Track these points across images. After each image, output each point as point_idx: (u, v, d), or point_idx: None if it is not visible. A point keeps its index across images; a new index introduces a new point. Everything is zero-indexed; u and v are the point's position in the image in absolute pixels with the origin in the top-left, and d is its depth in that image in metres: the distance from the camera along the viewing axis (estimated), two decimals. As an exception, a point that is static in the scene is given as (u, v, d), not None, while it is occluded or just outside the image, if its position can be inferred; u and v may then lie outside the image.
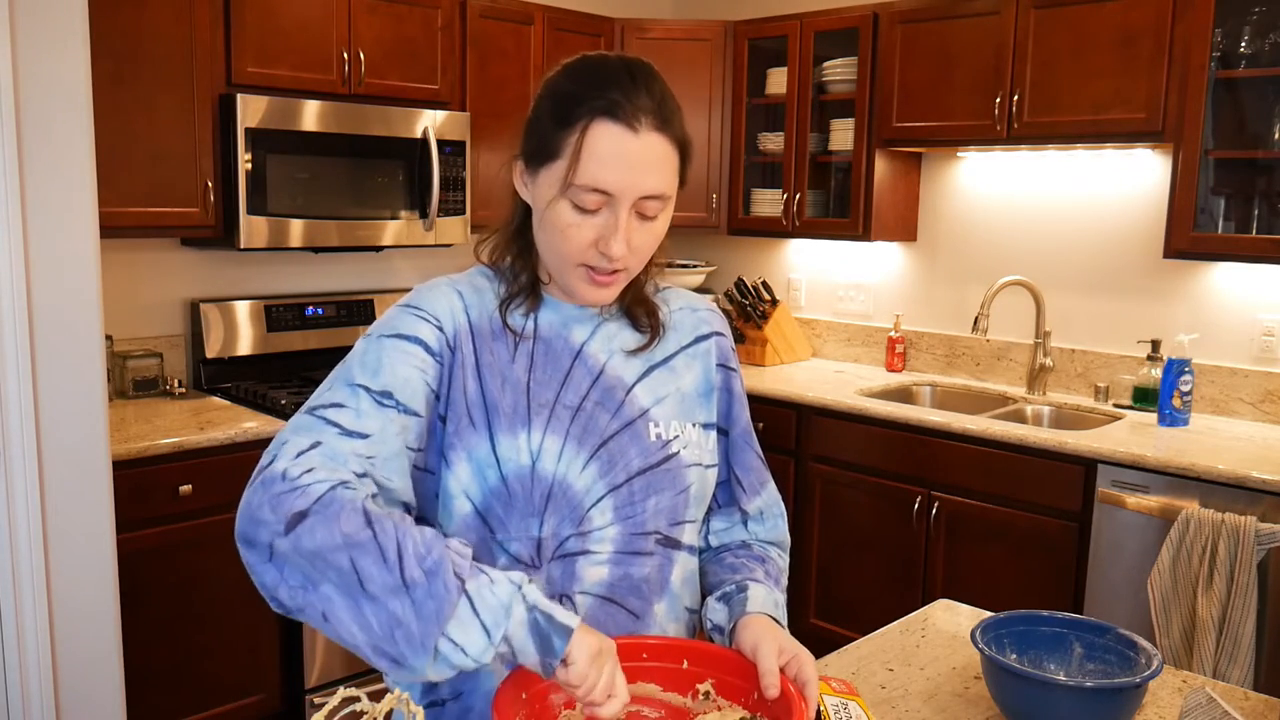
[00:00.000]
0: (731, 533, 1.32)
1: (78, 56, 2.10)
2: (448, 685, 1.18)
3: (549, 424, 1.15)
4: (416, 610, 0.95)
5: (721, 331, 1.31)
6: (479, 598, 0.96)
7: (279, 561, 0.99)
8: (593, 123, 1.07)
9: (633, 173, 1.07)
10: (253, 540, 1.00)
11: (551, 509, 1.14)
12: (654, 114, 1.08)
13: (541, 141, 1.11)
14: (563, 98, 1.10)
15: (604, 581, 1.17)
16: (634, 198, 1.08)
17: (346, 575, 0.96)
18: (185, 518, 2.67)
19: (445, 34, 3.40)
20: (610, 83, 1.08)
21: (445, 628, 0.95)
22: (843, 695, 1.19)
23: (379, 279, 3.73)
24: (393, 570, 0.95)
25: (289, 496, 0.99)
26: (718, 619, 1.21)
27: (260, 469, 1.03)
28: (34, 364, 2.08)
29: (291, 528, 0.97)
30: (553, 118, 1.10)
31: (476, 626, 0.96)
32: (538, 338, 1.18)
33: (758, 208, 3.96)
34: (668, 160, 1.10)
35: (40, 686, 2.14)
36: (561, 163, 1.09)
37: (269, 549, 0.99)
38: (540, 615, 0.97)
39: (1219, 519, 2.53)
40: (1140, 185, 3.29)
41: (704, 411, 1.26)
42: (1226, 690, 1.41)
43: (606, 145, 1.07)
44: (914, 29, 3.41)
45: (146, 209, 2.84)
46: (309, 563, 0.97)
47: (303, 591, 0.98)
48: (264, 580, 1.01)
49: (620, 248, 1.09)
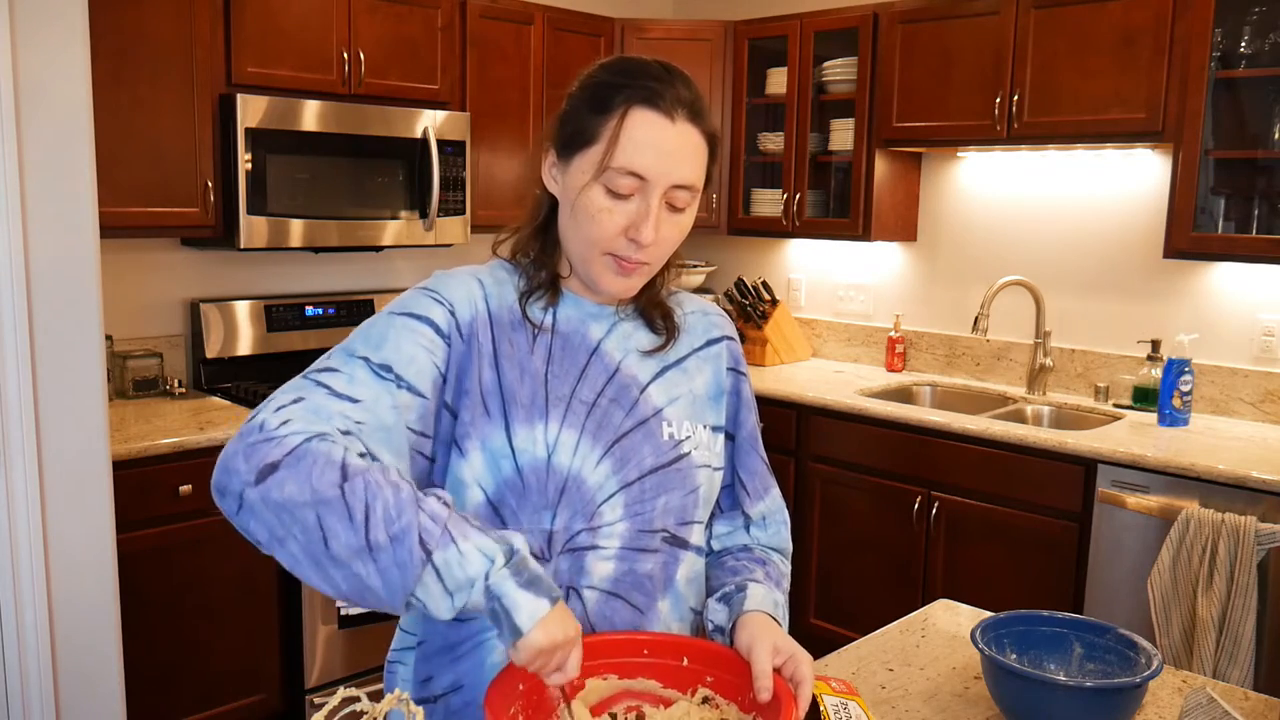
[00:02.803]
0: (734, 536, 1.33)
1: (78, 56, 2.10)
2: (448, 677, 1.19)
3: (565, 418, 1.16)
4: (382, 576, 0.96)
5: (732, 336, 1.34)
6: (445, 570, 0.96)
7: (248, 513, 0.99)
8: (631, 108, 1.10)
9: (668, 160, 1.10)
10: (224, 489, 1.00)
11: (564, 502, 1.15)
12: (689, 106, 1.12)
13: (577, 128, 1.13)
14: (600, 87, 1.13)
15: (610, 576, 1.18)
16: (666, 185, 1.11)
17: (312, 533, 0.96)
18: (185, 518, 2.67)
19: (445, 34, 3.40)
20: (647, 74, 1.12)
21: (414, 591, 0.96)
22: (843, 695, 1.19)
23: (379, 279, 3.73)
24: (358, 531, 0.95)
25: (263, 446, 0.99)
26: (718, 619, 1.21)
27: (244, 422, 1.04)
28: (34, 364, 2.08)
29: (262, 479, 0.97)
30: (589, 106, 1.13)
31: (441, 594, 0.97)
32: (556, 332, 1.19)
33: (758, 208, 3.96)
34: (699, 153, 1.14)
35: (40, 686, 2.14)
36: (598, 147, 1.11)
37: (239, 499, 0.99)
38: (500, 607, 0.98)
39: (1219, 519, 2.53)
40: (1140, 185, 3.29)
41: (714, 414, 1.27)
42: (1226, 690, 1.41)
43: (644, 131, 1.10)
44: (914, 29, 3.41)
45: (146, 209, 2.84)
46: (275, 516, 0.97)
47: (270, 546, 0.99)
48: (242, 529, 1.01)
49: (650, 234, 1.11)
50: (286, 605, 2.91)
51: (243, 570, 2.78)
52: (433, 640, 1.20)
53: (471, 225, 3.46)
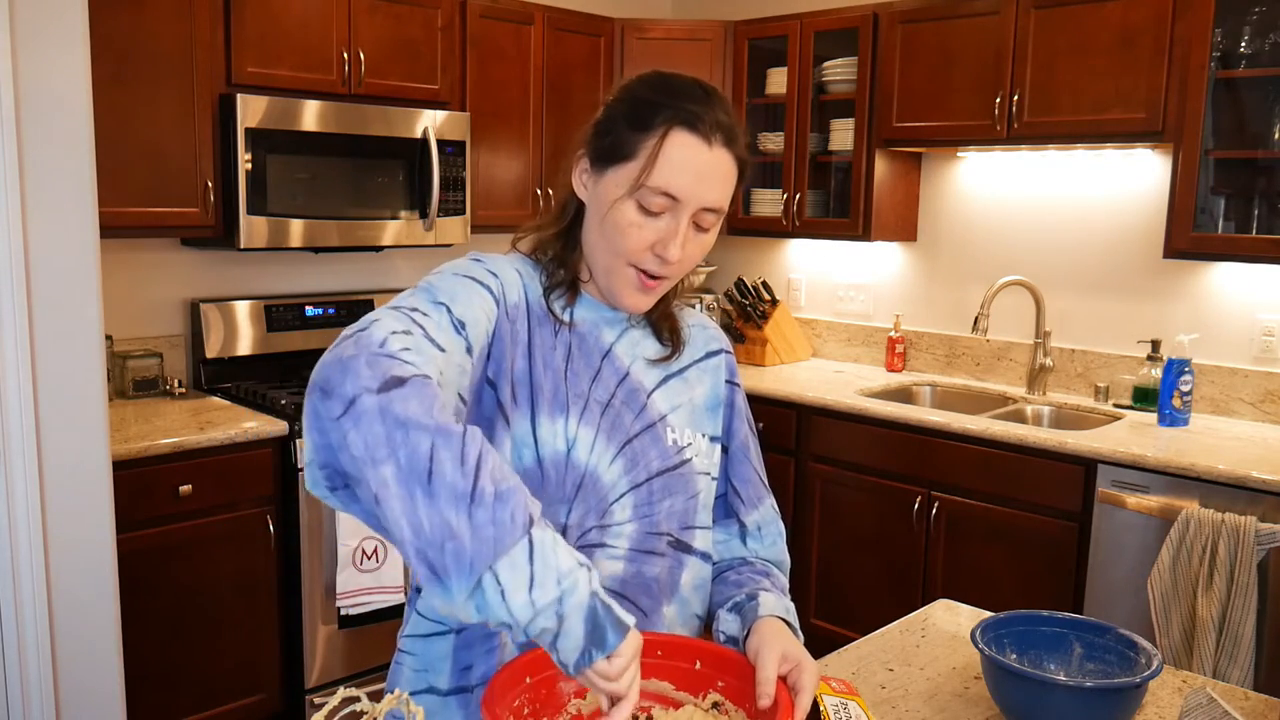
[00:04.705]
0: (730, 546, 1.33)
1: (78, 56, 2.10)
2: (448, 678, 1.18)
3: (584, 415, 1.17)
4: (474, 529, 0.88)
5: (729, 349, 1.36)
6: (541, 549, 0.90)
7: (353, 419, 0.91)
8: (672, 130, 1.11)
9: (701, 183, 1.12)
10: (334, 390, 0.92)
11: (580, 498, 1.16)
12: (726, 131, 1.13)
13: (615, 143, 1.14)
14: (641, 104, 1.14)
15: (619, 577, 1.19)
16: (697, 206, 1.13)
17: (419, 460, 0.89)
18: (185, 518, 2.67)
19: (445, 34, 3.40)
20: (688, 96, 1.13)
21: (497, 562, 0.88)
22: (843, 695, 1.19)
23: (379, 279, 3.73)
24: (468, 475, 0.89)
25: (388, 361, 0.94)
26: (731, 629, 1.21)
27: (351, 333, 0.98)
28: (34, 364, 2.08)
29: (386, 390, 0.91)
30: (628, 122, 1.14)
31: (526, 576, 0.89)
32: (574, 330, 1.21)
33: (758, 208, 3.96)
34: (730, 176, 1.16)
35: (40, 686, 2.14)
36: (635, 164, 1.12)
37: (350, 402, 0.91)
38: (601, 604, 0.92)
39: (1219, 519, 2.53)
40: (1140, 185, 3.29)
41: (711, 424, 1.30)
42: (1226, 690, 1.41)
43: (682, 154, 1.11)
44: (914, 29, 3.41)
45: (146, 209, 2.84)
46: (388, 430, 0.90)
47: (361, 464, 0.90)
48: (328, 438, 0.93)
49: (677, 252, 1.13)
50: (286, 605, 2.91)
51: (243, 570, 2.78)
52: (474, 628, 1.18)
53: (471, 225, 3.46)
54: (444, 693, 1.20)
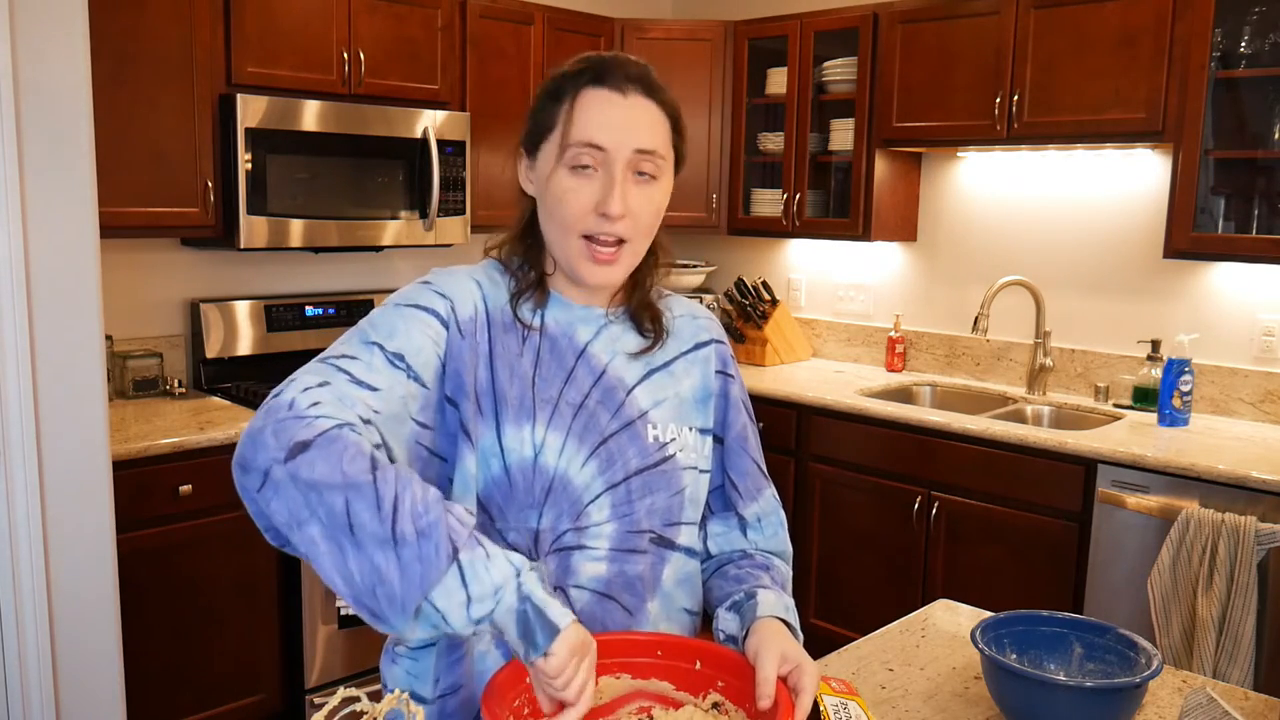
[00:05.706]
0: (730, 539, 1.32)
1: (78, 56, 2.10)
2: (449, 678, 1.19)
3: (552, 419, 1.17)
4: (401, 570, 0.94)
5: (721, 339, 1.35)
6: (471, 571, 0.96)
7: (271, 490, 0.97)
8: (581, 90, 1.15)
9: (623, 129, 1.14)
10: (249, 465, 0.98)
11: (550, 502, 1.16)
12: (640, 82, 1.16)
13: (538, 123, 1.18)
14: (555, 80, 1.19)
15: (601, 577, 1.19)
16: (627, 153, 1.14)
17: (337, 518, 0.94)
18: (185, 518, 2.67)
19: (445, 34, 3.40)
20: (597, 61, 1.17)
21: (430, 594, 0.94)
22: (843, 695, 1.19)
23: (379, 279, 3.73)
24: (385, 521, 0.94)
25: (294, 424, 0.98)
26: (730, 629, 1.21)
27: (266, 400, 1.03)
28: (34, 364, 2.08)
29: (292, 456, 0.96)
30: (546, 98, 1.18)
31: (462, 598, 0.95)
32: (544, 334, 1.20)
33: (758, 208, 3.96)
34: (659, 123, 1.17)
35: (40, 686, 2.14)
36: (557, 131, 1.16)
37: (264, 475, 0.97)
38: (531, 608, 0.97)
39: (1219, 519, 2.53)
40: (1140, 185, 3.29)
41: (700, 417, 1.28)
42: (1226, 690, 1.41)
43: (596, 105, 1.14)
44: (914, 29, 3.41)
45: (146, 209, 2.84)
46: (303, 495, 0.95)
47: (288, 529, 0.97)
48: (257, 508, 0.99)
49: (618, 205, 1.13)
50: (286, 605, 2.91)
51: (243, 570, 2.78)
52: (443, 640, 1.19)
53: (471, 225, 3.46)
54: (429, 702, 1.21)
